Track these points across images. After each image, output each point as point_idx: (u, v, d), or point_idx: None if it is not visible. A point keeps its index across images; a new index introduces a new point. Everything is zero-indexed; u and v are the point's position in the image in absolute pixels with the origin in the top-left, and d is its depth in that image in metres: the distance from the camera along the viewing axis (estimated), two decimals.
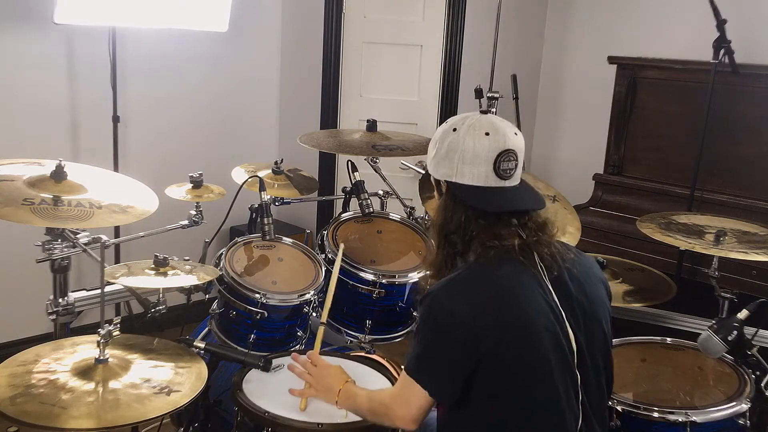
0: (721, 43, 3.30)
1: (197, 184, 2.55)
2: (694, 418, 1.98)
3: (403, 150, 2.82)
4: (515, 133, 1.66)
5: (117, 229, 3.48)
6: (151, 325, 2.63)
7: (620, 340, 2.41)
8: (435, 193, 1.77)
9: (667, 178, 3.75)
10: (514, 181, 1.67)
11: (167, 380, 1.81)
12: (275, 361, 2.11)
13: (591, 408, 1.65)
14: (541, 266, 1.62)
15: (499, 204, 1.64)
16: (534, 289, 1.59)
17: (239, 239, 2.54)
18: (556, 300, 1.61)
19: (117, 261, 3.58)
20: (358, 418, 1.85)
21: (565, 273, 1.65)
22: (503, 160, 1.63)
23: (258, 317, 2.29)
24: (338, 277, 2.52)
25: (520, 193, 1.68)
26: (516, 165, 1.66)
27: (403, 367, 1.68)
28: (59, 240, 2.12)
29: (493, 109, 3.12)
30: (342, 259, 2.53)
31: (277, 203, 2.69)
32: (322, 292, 2.51)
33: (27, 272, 2.80)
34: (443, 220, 1.68)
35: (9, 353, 1.85)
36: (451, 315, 1.56)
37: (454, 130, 1.66)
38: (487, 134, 1.63)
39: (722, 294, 2.43)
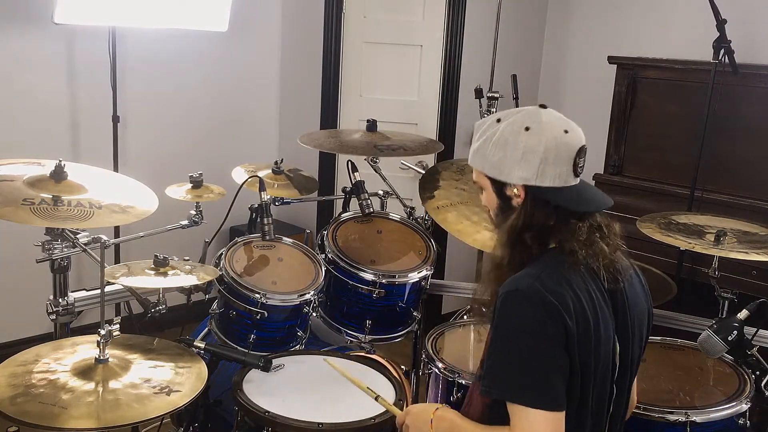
0: (721, 43, 3.29)
1: (197, 184, 2.54)
2: (694, 418, 1.98)
3: (405, 150, 2.82)
4: None
5: (117, 229, 3.48)
6: (151, 325, 2.63)
7: None
8: (492, 195, 1.62)
9: (667, 178, 3.74)
10: (579, 178, 1.58)
11: (167, 380, 1.81)
12: (275, 361, 2.11)
13: (615, 423, 1.63)
14: (603, 275, 1.54)
15: (586, 204, 1.55)
16: (600, 299, 1.53)
17: (239, 239, 2.54)
18: (610, 312, 1.55)
19: (117, 261, 3.58)
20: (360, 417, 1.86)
21: (623, 284, 1.58)
22: (580, 157, 1.53)
23: (258, 317, 2.29)
24: (338, 277, 2.53)
25: (590, 191, 1.60)
26: (585, 160, 1.57)
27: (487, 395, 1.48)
28: (59, 240, 2.12)
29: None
30: (342, 259, 2.53)
31: (277, 203, 2.69)
32: (322, 292, 2.51)
33: (27, 272, 2.80)
34: (522, 224, 1.55)
35: (9, 353, 1.85)
36: (545, 310, 1.43)
37: (527, 129, 1.51)
38: (566, 132, 1.52)
39: (722, 294, 2.43)
